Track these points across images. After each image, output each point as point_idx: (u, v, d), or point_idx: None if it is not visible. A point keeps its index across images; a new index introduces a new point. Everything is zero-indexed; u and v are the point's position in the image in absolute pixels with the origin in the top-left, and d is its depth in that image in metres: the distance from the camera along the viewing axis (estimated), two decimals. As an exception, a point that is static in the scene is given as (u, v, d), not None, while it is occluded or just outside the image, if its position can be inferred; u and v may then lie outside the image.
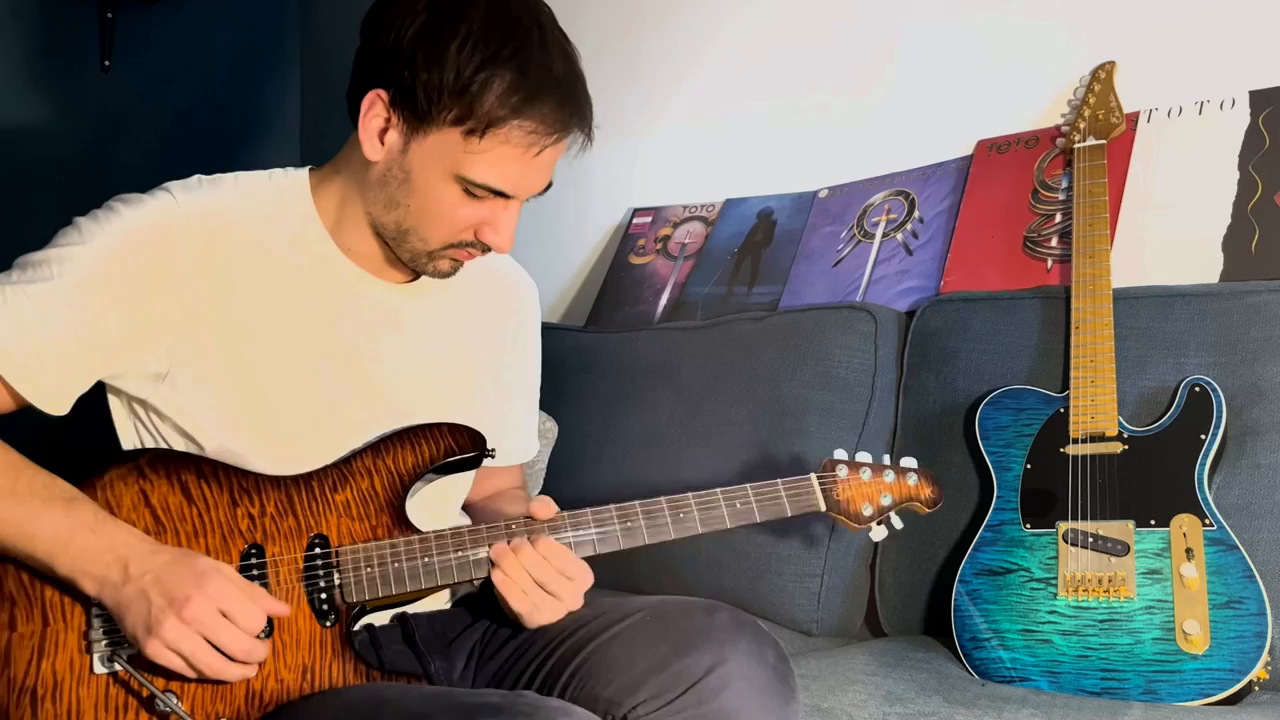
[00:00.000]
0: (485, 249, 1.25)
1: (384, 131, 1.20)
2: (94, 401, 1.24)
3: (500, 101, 1.15)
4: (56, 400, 1.16)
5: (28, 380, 1.14)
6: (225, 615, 1.07)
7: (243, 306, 1.22)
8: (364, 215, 1.26)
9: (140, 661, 1.09)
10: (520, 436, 1.50)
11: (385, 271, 1.30)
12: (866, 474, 1.38)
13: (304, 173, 1.30)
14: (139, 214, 1.19)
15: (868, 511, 1.37)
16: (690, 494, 1.27)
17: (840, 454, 1.39)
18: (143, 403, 1.24)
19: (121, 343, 1.18)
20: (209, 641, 1.06)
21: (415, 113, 1.17)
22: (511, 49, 1.15)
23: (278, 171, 1.30)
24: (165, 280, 1.18)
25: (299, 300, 1.25)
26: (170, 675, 1.09)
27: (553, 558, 1.19)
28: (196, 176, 1.26)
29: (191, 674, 1.08)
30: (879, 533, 1.38)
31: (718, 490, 1.28)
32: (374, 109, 1.19)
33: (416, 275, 1.32)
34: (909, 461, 1.42)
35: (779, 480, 1.32)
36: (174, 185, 1.23)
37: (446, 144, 1.17)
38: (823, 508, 1.34)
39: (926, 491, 1.40)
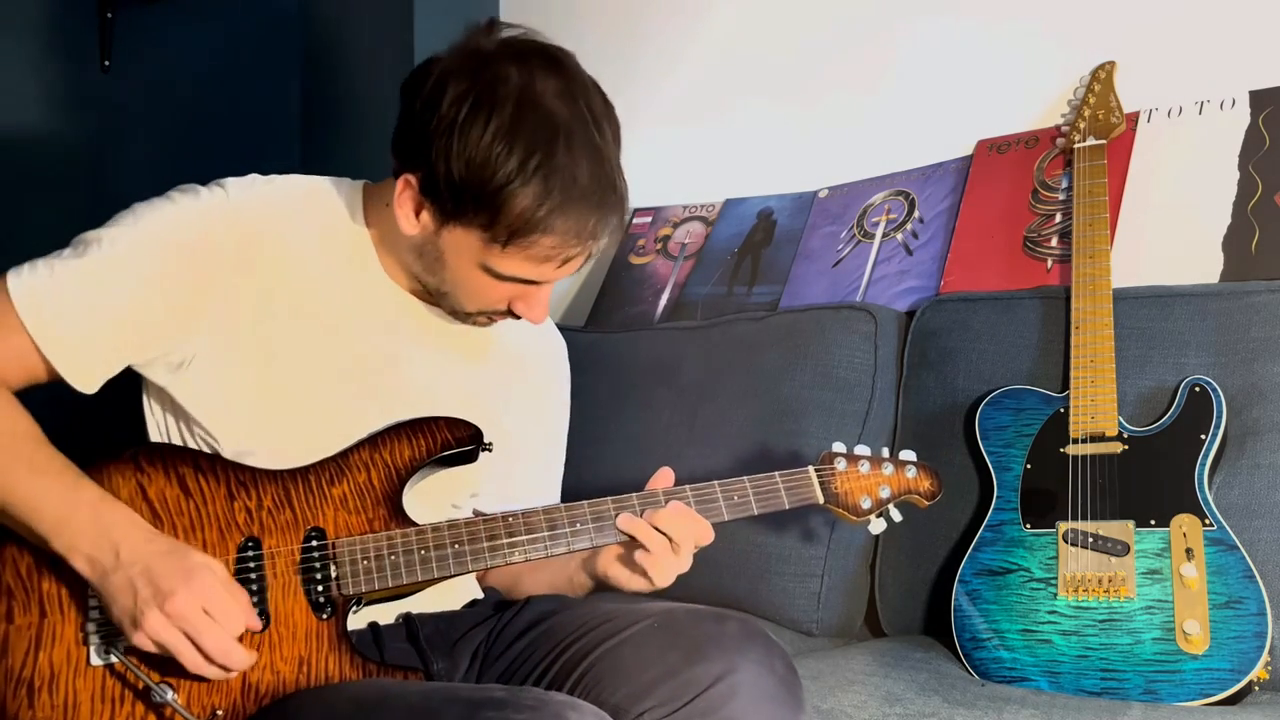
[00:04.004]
0: (518, 317, 1.27)
1: (419, 209, 1.21)
2: (121, 390, 1.26)
3: (522, 216, 1.14)
4: (87, 378, 1.18)
5: (63, 355, 1.16)
6: (207, 613, 1.07)
7: (278, 306, 1.23)
8: (404, 263, 1.27)
9: (137, 653, 1.09)
10: (531, 486, 1.46)
11: (423, 297, 1.31)
12: (865, 466, 1.37)
13: (360, 188, 1.32)
14: (191, 203, 1.22)
15: (866, 504, 1.36)
16: (687, 486, 1.27)
17: (838, 446, 1.38)
18: (160, 391, 1.25)
19: (157, 326, 1.20)
20: (190, 639, 1.07)
21: (442, 208, 1.18)
22: (539, 158, 1.13)
23: (331, 179, 1.32)
24: (206, 270, 1.20)
25: (334, 307, 1.26)
26: (167, 668, 1.09)
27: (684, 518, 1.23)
28: (252, 176, 1.28)
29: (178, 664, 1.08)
30: (878, 525, 1.38)
31: (715, 482, 1.28)
32: (406, 193, 1.20)
33: None
34: (907, 454, 1.42)
35: (776, 472, 1.32)
36: (230, 181, 1.25)
37: (473, 239, 1.18)
38: (820, 500, 1.34)
39: (925, 484, 1.40)
